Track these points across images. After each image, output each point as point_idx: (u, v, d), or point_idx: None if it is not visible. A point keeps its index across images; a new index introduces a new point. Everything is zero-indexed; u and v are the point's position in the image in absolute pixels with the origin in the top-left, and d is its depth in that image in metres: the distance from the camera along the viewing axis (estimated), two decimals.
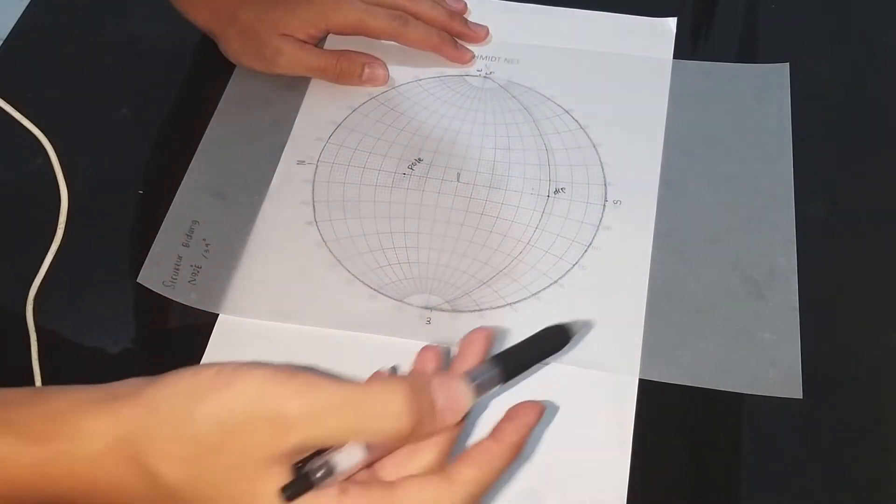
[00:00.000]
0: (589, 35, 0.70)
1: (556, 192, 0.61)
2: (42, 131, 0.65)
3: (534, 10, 0.72)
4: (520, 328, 0.55)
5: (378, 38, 0.67)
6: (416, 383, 0.35)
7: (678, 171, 0.62)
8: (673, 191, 0.61)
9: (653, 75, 0.67)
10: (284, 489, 0.33)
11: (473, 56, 0.69)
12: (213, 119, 0.65)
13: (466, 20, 0.70)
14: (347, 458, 0.34)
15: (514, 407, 0.39)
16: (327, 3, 0.65)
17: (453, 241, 0.59)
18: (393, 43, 0.67)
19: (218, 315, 0.56)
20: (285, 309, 0.56)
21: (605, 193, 0.61)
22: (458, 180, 0.62)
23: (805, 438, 0.51)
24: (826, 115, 0.65)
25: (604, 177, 0.62)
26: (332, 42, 0.69)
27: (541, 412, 0.38)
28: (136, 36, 0.71)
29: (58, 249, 0.59)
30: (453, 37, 0.69)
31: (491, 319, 0.55)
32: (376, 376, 0.38)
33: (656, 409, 0.52)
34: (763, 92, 0.66)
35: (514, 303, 0.56)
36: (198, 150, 0.63)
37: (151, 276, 0.57)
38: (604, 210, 0.60)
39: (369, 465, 0.36)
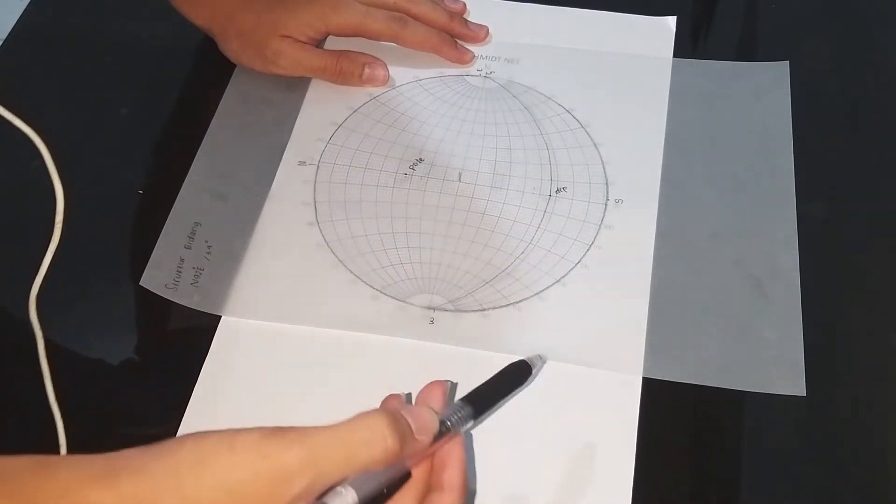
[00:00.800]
0: (589, 34, 0.70)
1: (558, 191, 0.61)
2: (42, 131, 0.65)
3: (534, 9, 0.72)
4: (522, 327, 0.55)
5: (378, 39, 0.67)
6: (390, 411, 0.38)
7: (679, 169, 0.62)
8: (674, 189, 0.61)
9: (653, 74, 0.67)
10: None
11: (474, 56, 0.69)
12: (213, 120, 0.65)
13: (466, 20, 0.70)
14: (345, 501, 0.37)
15: (440, 454, 0.41)
16: (327, 5, 0.65)
17: (455, 241, 0.59)
18: (393, 43, 0.68)
19: (221, 317, 0.56)
20: (288, 310, 0.56)
21: (607, 192, 0.61)
22: (459, 180, 0.62)
23: (808, 436, 0.52)
24: (826, 115, 0.65)
25: (605, 176, 0.62)
26: (332, 42, 0.69)
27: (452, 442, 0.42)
28: (136, 36, 0.71)
29: (55, 251, 0.59)
30: (453, 37, 0.69)
31: (494, 319, 0.55)
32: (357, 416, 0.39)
33: (660, 407, 0.52)
34: (763, 90, 0.66)
35: (517, 302, 0.56)
36: (198, 151, 0.63)
37: (154, 279, 0.57)
38: (605, 209, 0.60)
39: None
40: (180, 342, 0.56)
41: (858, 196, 0.61)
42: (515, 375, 0.47)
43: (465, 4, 0.71)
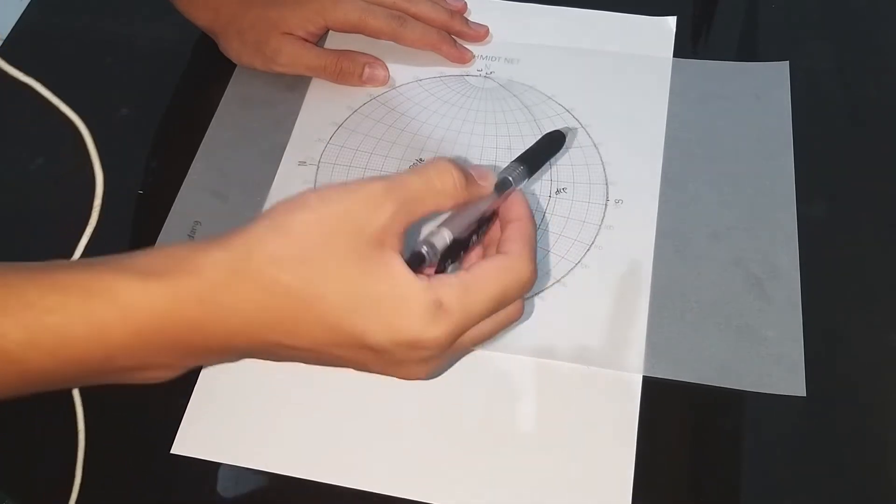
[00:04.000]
0: (589, 34, 0.70)
1: (558, 191, 0.61)
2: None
3: (534, 9, 0.72)
4: (523, 327, 0.55)
5: (377, 37, 0.67)
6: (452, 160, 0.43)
7: (679, 169, 0.62)
8: (674, 189, 0.61)
9: (653, 74, 0.67)
10: (407, 262, 0.40)
11: (473, 56, 0.69)
12: (213, 119, 0.65)
13: (466, 20, 0.70)
14: (441, 240, 0.42)
15: (506, 206, 0.45)
16: (327, 1, 0.65)
17: None
18: (393, 43, 0.67)
19: None
20: None
21: (607, 192, 0.61)
22: None
23: (808, 436, 0.52)
24: (826, 115, 0.65)
25: (605, 176, 0.62)
26: (333, 42, 0.69)
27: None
28: (136, 36, 0.71)
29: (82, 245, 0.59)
30: (453, 36, 0.69)
31: None
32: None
33: (660, 406, 0.52)
34: (763, 90, 0.66)
35: None
36: (199, 150, 0.63)
37: None
38: (605, 209, 0.60)
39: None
40: None
41: (858, 196, 0.61)
42: (555, 142, 0.50)
43: (465, 3, 0.71)
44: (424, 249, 0.41)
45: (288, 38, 0.65)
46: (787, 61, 0.67)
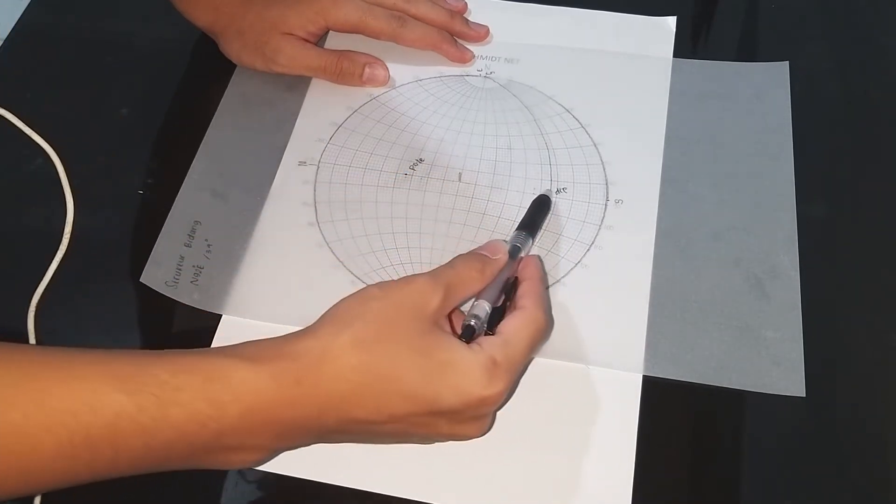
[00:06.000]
0: (589, 34, 0.70)
1: (558, 191, 0.61)
2: (41, 132, 0.65)
3: (534, 9, 0.72)
4: None
5: (377, 37, 0.67)
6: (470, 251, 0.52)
7: (679, 169, 0.62)
8: (674, 189, 0.61)
9: (653, 74, 0.67)
10: (461, 335, 0.48)
11: (473, 55, 0.69)
12: (213, 119, 0.65)
13: (466, 20, 0.70)
14: (482, 310, 0.49)
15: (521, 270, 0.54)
16: (328, 0, 0.65)
17: (455, 242, 0.59)
18: (393, 43, 0.67)
19: (221, 316, 0.56)
20: (288, 310, 0.56)
21: (607, 192, 0.61)
22: (459, 180, 0.62)
23: (808, 436, 0.52)
24: (826, 115, 0.65)
25: (605, 176, 0.62)
26: (333, 42, 0.69)
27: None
28: (136, 36, 0.71)
29: (66, 250, 0.59)
30: (454, 36, 0.69)
31: None
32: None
33: (659, 406, 0.52)
34: (763, 90, 0.66)
35: None
36: (199, 150, 0.63)
37: (154, 275, 0.57)
38: (605, 209, 0.60)
39: None
40: (181, 342, 0.55)
41: (858, 196, 0.61)
42: (544, 205, 0.58)
43: (465, 3, 0.71)
44: (473, 322, 0.48)
45: (288, 38, 0.65)
46: (787, 61, 0.67)
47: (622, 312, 0.55)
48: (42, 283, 0.57)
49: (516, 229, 0.56)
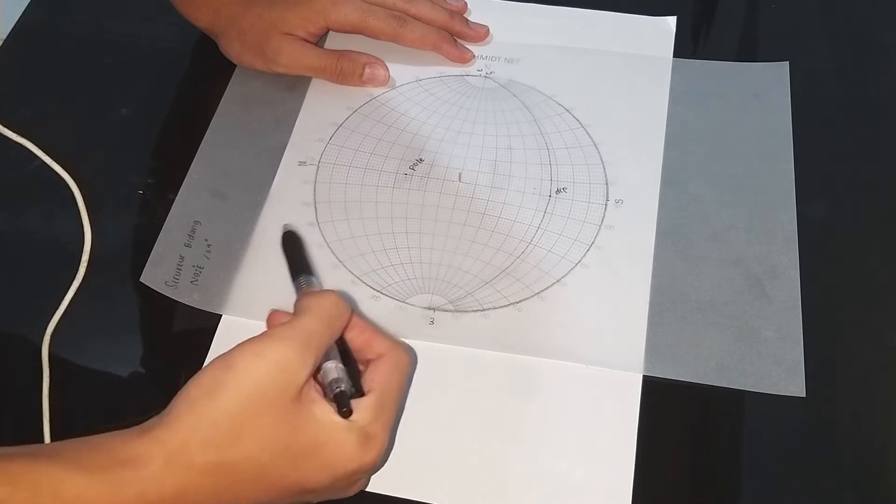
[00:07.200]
0: (589, 34, 0.70)
1: (558, 191, 0.61)
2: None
3: (534, 9, 0.72)
4: (523, 327, 0.55)
5: (377, 37, 0.67)
6: (329, 291, 0.47)
7: (679, 169, 0.62)
8: (674, 189, 0.61)
9: (653, 74, 0.67)
10: (341, 412, 0.43)
11: (473, 55, 0.69)
12: (213, 119, 0.65)
13: (466, 20, 0.70)
14: (338, 371, 0.44)
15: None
16: (328, 1, 0.65)
17: (455, 242, 0.59)
18: (393, 43, 0.67)
19: (221, 316, 0.56)
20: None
21: (607, 192, 0.61)
22: (459, 180, 0.62)
23: (808, 436, 0.52)
24: (826, 115, 0.65)
25: (605, 176, 0.62)
26: (333, 42, 0.69)
27: None
28: (136, 36, 0.71)
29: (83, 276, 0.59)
30: (454, 36, 0.69)
31: (494, 319, 0.55)
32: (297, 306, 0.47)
33: (659, 405, 0.52)
34: (763, 90, 0.66)
35: (517, 302, 0.56)
36: (199, 150, 0.63)
37: (154, 275, 0.57)
38: (605, 209, 0.60)
39: None
40: (181, 341, 0.56)
41: (858, 196, 0.61)
42: (295, 241, 0.52)
43: (465, 3, 0.71)
44: (344, 387, 0.44)
45: (288, 38, 0.65)
46: (787, 61, 0.67)
47: (622, 312, 0.55)
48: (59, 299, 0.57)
49: (295, 280, 0.50)
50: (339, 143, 0.64)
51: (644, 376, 0.53)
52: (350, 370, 0.45)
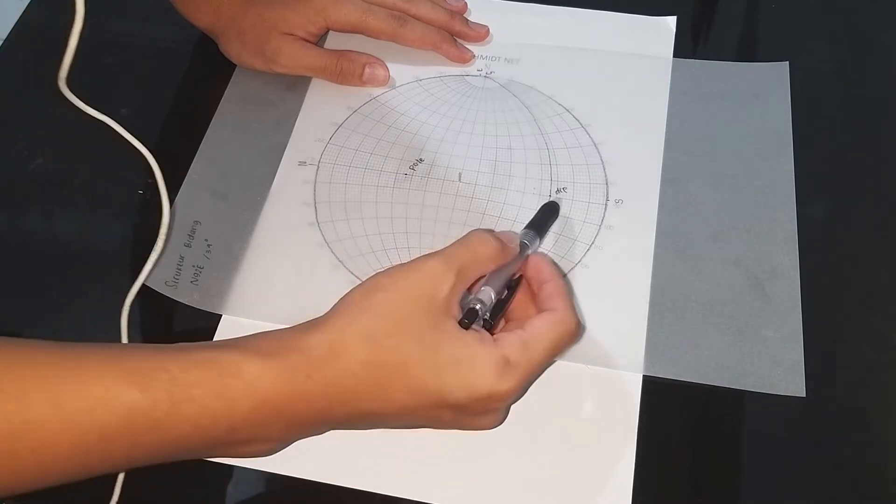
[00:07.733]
0: (589, 34, 0.70)
1: (558, 191, 0.61)
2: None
3: (534, 9, 0.72)
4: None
5: (377, 37, 0.67)
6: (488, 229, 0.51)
7: (679, 169, 0.62)
8: (674, 189, 0.61)
9: (653, 74, 0.67)
10: (461, 321, 0.46)
11: (473, 55, 0.69)
12: (213, 119, 0.65)
13: (466, 20, 0.70)
14: (487, 296, 0.48)
15: (531, 267, 0.52)
16: (327, 1, 0.65)
17: None
18: (393, 42, 0.67)
19: (221, 316, 0.56)
20: (288, 310, 0.56)
21: (607, 192, 0.61)
22: (459, 180, 0.62)
23: (808, 436, 0.52)
24: (826, 115, 0.65)
25: (605, 176, 0.62)
26: (333, 42, 0.69)
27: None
28: (136, 36, 0.71)
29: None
30: (453, 36, 0.69)
31: None
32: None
33: (660, 406, 0.52)
34: (763, 90, 0.66)
35: None
36: (198, 150, 0.63)
37: (154, 275, 0.57)
38: (605, 209, 0.60)
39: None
40: (181, 341, 0.55)
41: (858, 196, 0.61)
42: (553, 211, 0.58)
43: (465, 3, 0.71)
44: (478, 306, 0.47)
45: (288, 38, 0.65)
46: (787, 61, 0.67)
47: (622, 312, 0.55)
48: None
49: (525, 228, 0.55)
50: (339, 143, 0.64)
51: (644, 376, 0.53)
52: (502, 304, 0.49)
